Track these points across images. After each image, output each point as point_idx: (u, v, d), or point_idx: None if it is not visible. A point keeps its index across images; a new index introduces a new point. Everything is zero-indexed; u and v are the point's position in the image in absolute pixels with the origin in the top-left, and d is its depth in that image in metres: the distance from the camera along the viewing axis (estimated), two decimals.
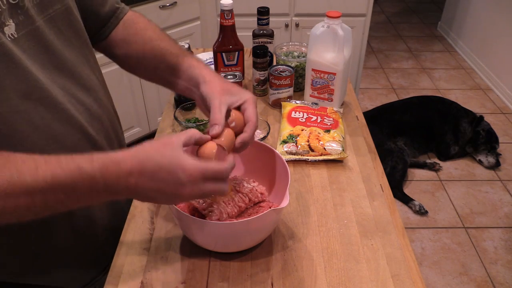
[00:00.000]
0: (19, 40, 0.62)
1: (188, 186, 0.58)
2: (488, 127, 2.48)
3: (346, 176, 0.99)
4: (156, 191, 0.58)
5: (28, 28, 0.63)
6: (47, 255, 0.75)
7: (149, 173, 0.57)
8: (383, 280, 0.75)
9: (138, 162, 0.57)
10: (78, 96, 0.72)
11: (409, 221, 2.16)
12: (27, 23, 0.63)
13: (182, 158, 0.58)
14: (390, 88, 3.31)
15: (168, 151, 0.58)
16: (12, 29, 0.60)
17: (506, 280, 1.87)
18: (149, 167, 0.57)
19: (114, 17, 0.83)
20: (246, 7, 2.26)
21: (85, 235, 0.80)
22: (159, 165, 0.57)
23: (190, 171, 0.57)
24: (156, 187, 0.57)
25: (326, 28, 1.11)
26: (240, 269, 0.77)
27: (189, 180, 0.57)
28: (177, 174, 0.57)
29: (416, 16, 4.62)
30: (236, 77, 1.23)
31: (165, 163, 0.57)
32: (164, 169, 0.57)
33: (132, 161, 0.57)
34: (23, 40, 0.62)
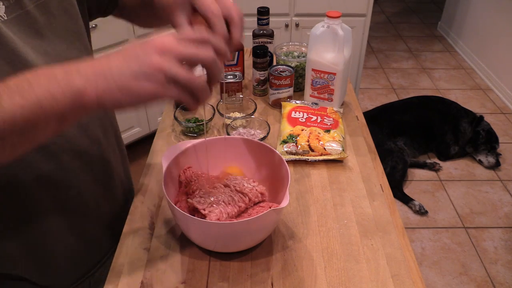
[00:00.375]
0: (9, 23, 0.60)
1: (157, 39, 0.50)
2: (488, 127, 2.48)
3: (346, 176, 0.99)
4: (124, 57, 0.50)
5: (18, 12, 0.62)
6: (41, 247, 0.75)
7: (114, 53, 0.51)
8: (383, 280, 0.75)
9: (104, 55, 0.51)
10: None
11: (409, 221, 2.16)
12: (17, 7, 0.62)
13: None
14: (390, 88, 3.31)
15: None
16: (2, 10, 0.59)
17: (506, 280, 1.87)
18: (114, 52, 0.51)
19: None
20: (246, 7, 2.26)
21: (79, 227, 0.79)
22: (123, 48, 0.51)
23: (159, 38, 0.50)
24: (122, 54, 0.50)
25: (326, 28, 1.11)
26: (240, 269, 0.77)
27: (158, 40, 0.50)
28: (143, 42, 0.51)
29: (416, 16, 4.62)
30: (236, 77, 1.23)
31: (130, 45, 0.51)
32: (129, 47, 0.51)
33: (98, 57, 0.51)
34: (13, 23, 0.61)
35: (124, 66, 0.49)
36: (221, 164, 0.90)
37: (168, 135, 1.13)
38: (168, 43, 0.50)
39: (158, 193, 0.94)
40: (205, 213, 0.76)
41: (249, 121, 1.11)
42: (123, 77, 0.49)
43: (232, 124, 1.09)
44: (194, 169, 0.87)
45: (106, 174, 0.83)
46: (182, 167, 0.86)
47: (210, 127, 1.15)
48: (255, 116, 1.15)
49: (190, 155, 0.87)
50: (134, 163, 2.34)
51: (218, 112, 1.14)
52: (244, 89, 1.30)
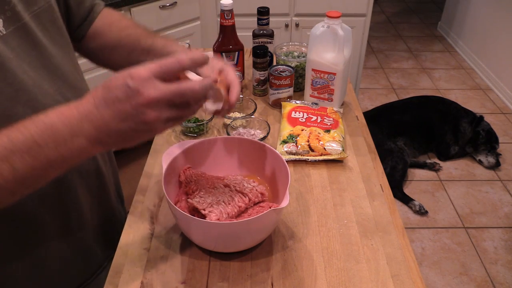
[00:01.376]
0: (7, 38, 0.60)
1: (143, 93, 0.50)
2: (488, 127, 2.48)
3: (346, 176, 0.99)
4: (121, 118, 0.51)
5: (16, 25, 0.62)
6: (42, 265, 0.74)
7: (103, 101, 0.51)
8: (383, 280, 0.75)
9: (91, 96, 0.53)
10: (68, 96, 0.70)
11: (409, 221, 2.16)
12: (15, 19, 0.62)
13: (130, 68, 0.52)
14: (390, 88, 3.31)
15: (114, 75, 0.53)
16: (0, 25, 0.59)
17: (506, 280, 1.87)
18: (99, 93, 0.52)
19: (92, 12, 0.83)
20: (246, 7, 2.26)
21: (77, 241, 0.79)
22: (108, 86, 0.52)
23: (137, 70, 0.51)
24: (115, 112, 0.51)
25: (326, 28, 1.11)
26: (240, 269, 0.77)
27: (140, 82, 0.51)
28: (125, 82, 0.51)
29: (416, 16, 4.62)
30: None
31: (113, 80, 0.52)
32: (113, 87, 0.51)
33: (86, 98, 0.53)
34: (11, 37, 0.61)
35: (122, 125, 0.52)
36: (221, 164, 0.90)
37: (168, 135, 1.13)
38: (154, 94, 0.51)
39: (158, 193, 0.94)
40: (205, 213, 0.76)
41: (249, 121, 1.11)
42: (124, 134, 0.53)
43: (232, 124, 1.09)
44: (194, 169, 0.87)
45: (100, 187, 0.83)
46: (182, 167, 0.86)
47: (210, 127, 1.15)
48: (255, 116, 1.15)
49: (190, 155, 0.87)
50: (134, 163, 2.33)
51: None
52: (244, 89, 1.30)
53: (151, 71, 0.52)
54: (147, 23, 2.17)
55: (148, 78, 0.51)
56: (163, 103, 0.52)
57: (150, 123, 0.52)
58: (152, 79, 0.51)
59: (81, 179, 0.76)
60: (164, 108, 0.52)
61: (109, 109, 0.51)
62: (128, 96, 0.51)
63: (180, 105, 0.54)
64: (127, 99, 0.51)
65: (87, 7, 0.82)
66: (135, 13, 2.10)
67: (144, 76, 0.51)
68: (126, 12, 2.07)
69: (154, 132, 0.55)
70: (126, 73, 0.52)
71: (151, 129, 0.54)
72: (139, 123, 0.52)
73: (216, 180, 0.87)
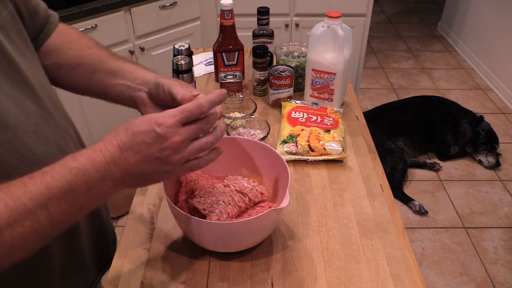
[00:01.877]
0: None
1: (170, 138, 0.55)
2: (488, 127, 2.48)
3: (346, 176, 0.99)
4: (145, 161, 0.56)
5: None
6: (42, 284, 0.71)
7: (128, 145, 0.55)
8: (383, 280, 0.75)
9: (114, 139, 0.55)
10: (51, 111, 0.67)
11: (409, 221, 2.16)
12: None
13: (152, 115, 0.56)
14: (390, 88, 3.31)
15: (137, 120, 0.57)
16: None
17: (506, 280, 1.87)
18: (124, 137, 0.55)
19: (49, 23, 0.78)
20: (246, 7, 2.26)
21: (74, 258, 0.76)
22: (132, 131, 0.55)
23: (164, 119, 0.55)
24: (141, 156, 0.55)
25: (326, 28, 1.11)
26: (240, 269, 0.77)
27: (167, 129, 0.55)
28: (152, 128, 0.55)
29: (416, 16, 4.62)
30: (236, 77, 1.23)
31: (137, 125, 0.56)
32: (138, 132, 0.55)
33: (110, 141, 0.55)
34: None
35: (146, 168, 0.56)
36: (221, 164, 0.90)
37: None
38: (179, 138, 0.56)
39: (158, 193, 0.94)
40: (205, 213, 0.76)
41: (249, 121, 1.11)
42: (146, 176, 0.57)
43: (232, 124, 1.09)
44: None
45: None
46: None
47: None
48: (255, 116, 1.15)
49: None
50: None
51: None
52: (244, 89, 1.30)
53: (177, 119, 0.56)
54: (147, 23, 2.18)
55: (174, 125, 0.56)
56: (185, 144, 0.57)
57: (173, 164, 0.57)
58: (178, 126, 0.56)
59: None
60: (187, 150, 0.57)
61: (135, 154, 0.55)
62: (155, 141, 0.55)
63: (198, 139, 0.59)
64: (154, 144, 0.55)
65: (42, 18, 0.76)
66: (135, 13, 2.10)
67: (171, 124, 0.55)
68: (126, 12, 2.07)
69: (173, 174, 0.59)
70: (152, 119, 0.55)
71: (173, 170, 0.58)
72: (163, 164, 0.56)
73: (216, 180, 0.87)
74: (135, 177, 0.57)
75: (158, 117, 0.56)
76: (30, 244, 0.51)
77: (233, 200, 0.79)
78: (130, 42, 2.17)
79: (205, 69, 1.44)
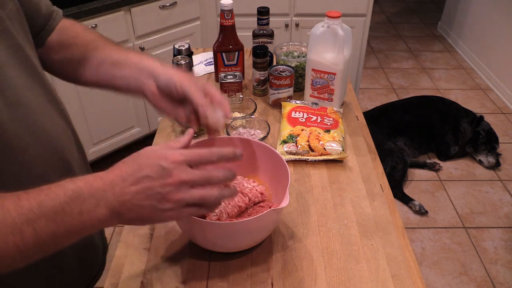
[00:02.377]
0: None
1: (175, 174, 0.54)
2: (488, 127, 2.48)
3: (346, 176, 0.99)
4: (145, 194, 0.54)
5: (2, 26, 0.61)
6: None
7: (131, 176, 0.54)
8: (383, 280, 0.75)
9: (118, 170, 0.55)
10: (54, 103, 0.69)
11: (409, 221, 2.16)
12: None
13: (161, 149, 0.56)
14: (390, 88, 3.31)
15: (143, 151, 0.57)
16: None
17: (506, 280, 1.87)
18: (129, 168, 0.55)
19: (52, 20, 0.78)
20: (246, 7, 2.26)
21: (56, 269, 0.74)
22: (138, 164, 0.55)
23: (173, 155, 0.55)
24: (142, 187, 0.54)
25: (326, 28, 1.11)
26: (240, 269, 0.77)
27: (174, 165, 0.54)
28: (159, 162, 0.54)
29: (416, 16, 4.62)
30: (236, 77, 1.23)
31: (144, 158, 0.55)
32: (144, 165, 0.54)
33: (113, 171, 0.55)
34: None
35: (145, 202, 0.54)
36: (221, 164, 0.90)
37: (168, 135, 1.13)
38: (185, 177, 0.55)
39: None
40: (205, 213, 0.76)
41: (249, 121, 1.11)
42: (144, 211, 0.55)
43: (232, 124, 1.09)
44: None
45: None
46: None
47: None
48: (255, 116, 1.15)
49: None
50: None
51: None
52: (244, 89, 1.30)
53: (186, 157, 0.56)
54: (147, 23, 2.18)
55: (182, 162, 0.55)
56: (189, 186, 0.55)
57: (172, 202, 0.55)
58: (184, 164, 0.55)
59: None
60: (189, 192, 0.55)
61: (136, 185, 0.53)
62: (160, 175, 0.54)
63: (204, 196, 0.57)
64: (158, 178, 0.54)
65: (44, 15, 0.77)
66: (135, 13, 2.10)
67: (178, 160, 0.55)
68: (126, 12, 2.07)
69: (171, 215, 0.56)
70: (160, 154, 0.55)
71: (171, 209, 0.55)
72: (162, 201, 0.54)
73: None
74: (132, 210, 0.54)
75: (167, 153, 0.55)
76: (8, 261, 0.50)
77: (233, 200, 0.79)
78: (130, 42, 2.17)
79: (205, 69, 1.44)
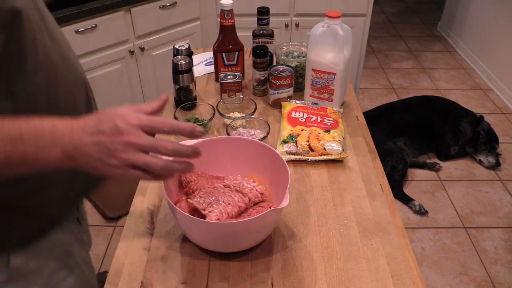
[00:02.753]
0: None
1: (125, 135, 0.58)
2: (488, 127, 2.48)
3: (346, 176, 0.99)
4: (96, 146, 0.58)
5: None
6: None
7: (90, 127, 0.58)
8: (383, 280, 0.75)
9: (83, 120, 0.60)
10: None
11: (409, 221, 2.16)
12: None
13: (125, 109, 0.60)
14: (390, 88, 3.31)
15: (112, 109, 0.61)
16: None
17: (506, 280, 1.87)
18: (91, 121, 0.59)
19: None
20: (246, 7, 2.26)
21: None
22: (98, 118, 0.59)
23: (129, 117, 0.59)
24: (95, 140, 0.58)
25: (326, 28, 1.11)
26: (240, 269, 0.77)
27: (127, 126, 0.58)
28: (115, 121, 0.58)
29: (416, 16, 4.62)
30: (236, 77, 1.23)
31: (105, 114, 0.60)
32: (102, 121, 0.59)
33: (79, 120, 0.59)
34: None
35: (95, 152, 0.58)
36: (221, 164, 0.90)
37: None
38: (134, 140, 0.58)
39: (158, 193, 0.94)
40: (205, 213, 0.76)
41: (249, 121, 1.11)
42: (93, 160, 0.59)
43: (232, 124, 1.09)
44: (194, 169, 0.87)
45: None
46: None
47: (210, 127, 1.15)
48: (255, 116, 1.15)
49: None
50: None
51: (218, 112, 1.14)
52: (244, 89, 1.30)
53: (140, 122, 0.59)
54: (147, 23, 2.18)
55: (135, 126, 0.58)
56: (136, 149, 0.58)
57: (118, 160, 0.58)
58: (138, 128, 0.59)
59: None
60: (135, 155, 0.58)
61: (92, 136, 0.58)
62: (112, 133, 0.58)
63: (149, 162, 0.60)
64: (110, 135, 0.58)
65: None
66: (135, 13, 2.10)
67: (133, 123, 0.58)
68: (126, 12, 2.07)
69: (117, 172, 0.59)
70: (120, 113, 0.59)
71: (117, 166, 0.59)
72: (109, 156, 0.58)
73: (216, 180, 0.87)
74: (84, 158, 0.58)
75: (125, 113, 0.59)
76: None
77: (233, 200, 0.79)
78: (130, 42, 2.17)
79: (205, 69, 1.44)
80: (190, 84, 1.19)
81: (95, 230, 2.00)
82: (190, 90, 1.20)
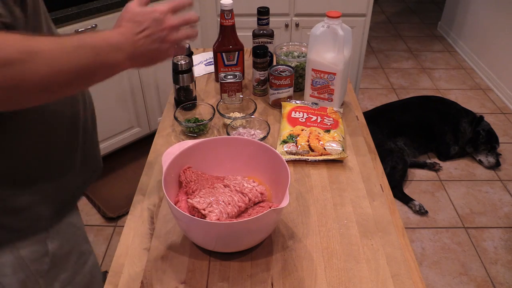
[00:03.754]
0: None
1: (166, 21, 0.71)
2: (488, 127, 2.48)
3: (346, 176, 0.99)
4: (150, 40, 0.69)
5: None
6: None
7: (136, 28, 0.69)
8: (383, 280, 0.75)
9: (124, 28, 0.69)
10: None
11: (409, 221, 2.16)
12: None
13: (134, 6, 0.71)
14: (390, 88, 3.31)
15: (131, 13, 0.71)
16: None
17: (506, 280, 1.87)
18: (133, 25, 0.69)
19: None
20: (246, 7, 2.26)
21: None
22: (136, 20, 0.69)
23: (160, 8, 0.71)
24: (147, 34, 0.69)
25: (326, 28, 1.11)
26: (240, 269, 0.77)
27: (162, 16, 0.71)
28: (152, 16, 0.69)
29: (416, 16, 4.62)
30: (236, 77, 1.23)
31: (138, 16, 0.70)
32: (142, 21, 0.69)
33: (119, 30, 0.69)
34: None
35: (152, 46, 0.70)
36: (221, 164, 0.90)
37: (168, 135, 1.13)
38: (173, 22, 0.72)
39: (158, 193, 0.94)
40: (205, 213, 0.76)
41: (249, 121, 1.11)
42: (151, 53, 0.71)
43: (232, 124, 1.09)
44: (194, 169, 0.87)
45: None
46: (182, 167, 0.86)
47: (210, 127, 1.15)
48: (255, 116, 1.15)
49: (190, 155, 0.87)
50: (134, 163, 2.33)
51: (218, 112, 1.14)
52: (244, 89, 1.30)
53: (168, 7, 0.72)
54: None
55: (167, 11, 0.72)
56: (177, 29, 0.73)
57: (170, 43, 0.72)
58: (169, 13, 0.72)
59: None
60: (178, 33, 0.73)
61: (144, 33, 0.69)
62: (156, 24, 0.70)
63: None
64: (156, 26, 0.70)
65: None
66: None
67: (165, 10, 0.71)
68: None
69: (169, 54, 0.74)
70: (150, 9, 0.70)
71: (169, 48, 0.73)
72: (162, 42, 0.71)
73: (216, 180, 0.87)
74: (144, 54, 0.69)
75: (154, 7, 0.70)
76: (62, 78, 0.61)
77: (233, 200, 0.79)
78: None
79: (205, 69, 1.44)
80: (190, 84, 1.19)
81: (95, 230, 2.00)
82: (190, 90, 1.20)
